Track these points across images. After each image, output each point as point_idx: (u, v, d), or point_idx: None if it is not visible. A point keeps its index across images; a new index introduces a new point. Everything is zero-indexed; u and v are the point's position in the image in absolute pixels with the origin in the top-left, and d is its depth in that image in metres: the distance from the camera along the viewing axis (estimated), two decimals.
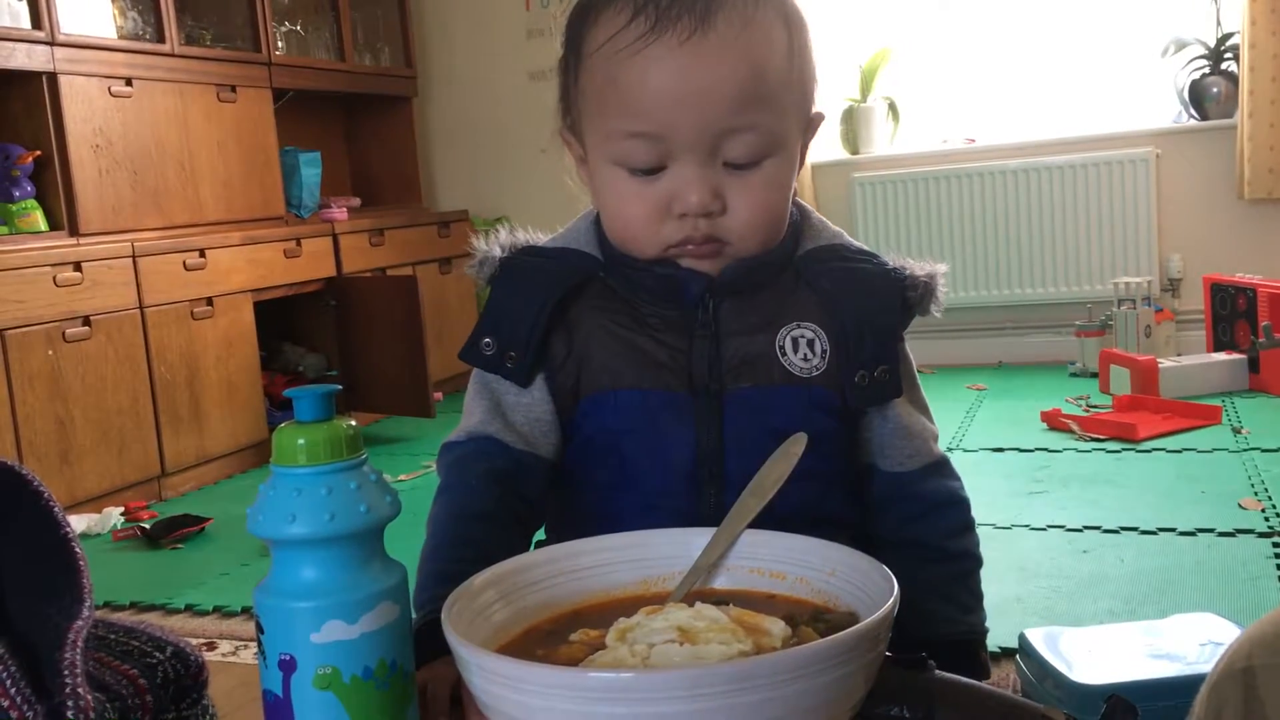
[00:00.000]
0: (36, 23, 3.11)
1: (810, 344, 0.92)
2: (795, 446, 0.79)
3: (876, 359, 0.92)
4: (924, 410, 1.00)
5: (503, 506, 0.90)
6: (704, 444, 0.90)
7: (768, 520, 0.76)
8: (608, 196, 0.92)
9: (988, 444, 3.14)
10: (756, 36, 0.86)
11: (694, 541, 0.74)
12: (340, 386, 0.65)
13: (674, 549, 0.75)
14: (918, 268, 0.96)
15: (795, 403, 0.91)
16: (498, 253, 0.96)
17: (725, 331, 0.91)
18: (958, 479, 1.01)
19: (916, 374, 1.01)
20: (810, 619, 0.66)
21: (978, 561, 1.02)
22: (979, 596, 1.01)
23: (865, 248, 0.99)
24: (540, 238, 1.00)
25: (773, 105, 0.88)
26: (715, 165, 0.88)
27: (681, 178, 0.87)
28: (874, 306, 0.93)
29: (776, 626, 0.64)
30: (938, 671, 0.66)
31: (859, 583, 0.66)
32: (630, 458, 0.91)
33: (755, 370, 0.91)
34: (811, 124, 0.95)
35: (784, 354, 0.91)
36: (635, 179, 0.89)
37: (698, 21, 0.84)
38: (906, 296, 0.94)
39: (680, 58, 0.84)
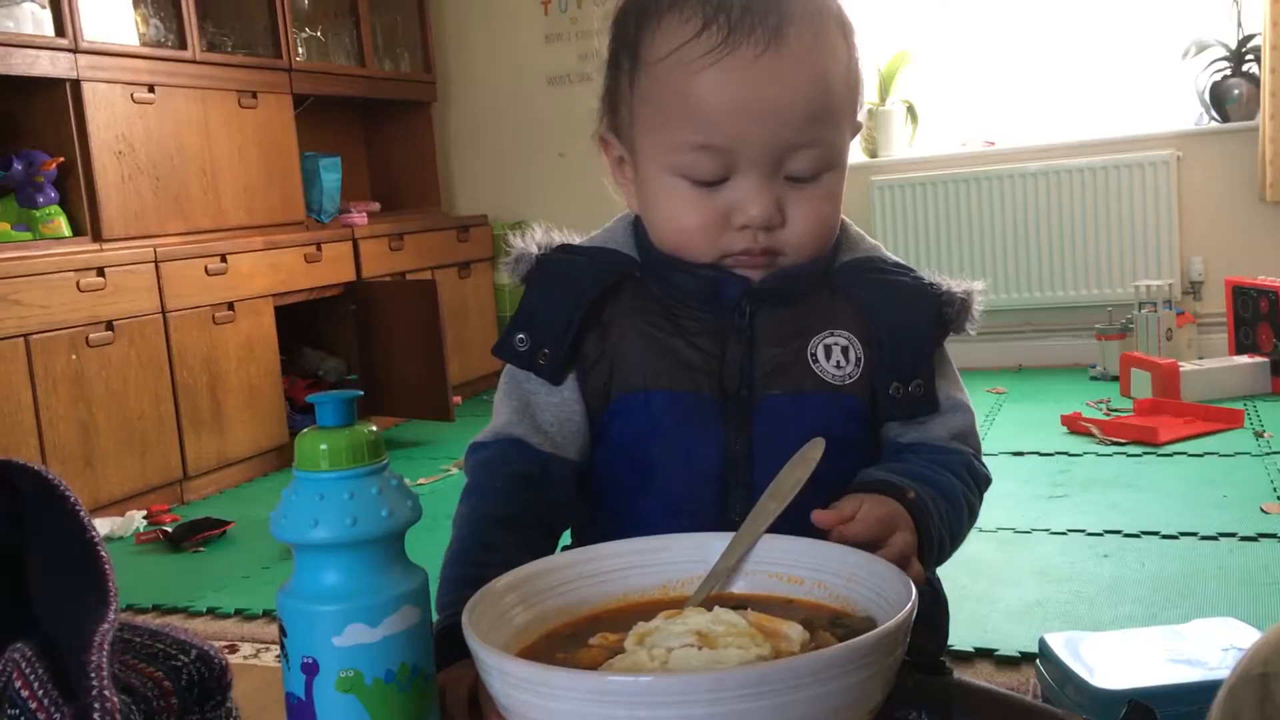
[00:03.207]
0: (60, 30, 3.14)
1: (844, 351, 0.91)
2: (813, 451, 0.79)
3: (912, 372, 0.91)
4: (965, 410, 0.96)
5: (527, 510, 0.89)
6: (732, 449, 0.90)
7: (791, 530, 0.75)
8: (663, 205, 0.91)
9: (1008, 448, 3.12)
10: (824, 51, 0.86)
11: (712, 546, 0.75)
12: (361, 392, 0.66)
13: (693, 553, 0.75)
14: (955, 284, 0.94)
15: (827, 410, 0.90)
16: (534, 250, 0.95)
17: (760, 339, 0.91)
18: (985, 467, 0.96)
19: (957, 374, 0.98)
20: (828, 624, 0.66)
21: (961, 501, 0.90)
22: (938, 486, 0.88)
23: (901, 261, 0.98)
24: (575, 238, 0.99)
25: (835, 120, 0.88)
26: (778, 178, 0.88)
27: (745, 190, 0.87)
28: (910, 318, 0.92)
29: (794, 631, 0.64)
30: (956, 676, 0.67)
31: (876, 588, 0.67)
32: (657, 460, 0.91)
33: (787, 378, 0.90)
34: (856, 132, 0.95)
35: (815, 361, 0.91)
36: (695, 189, 0.88)
37: (771, 35, 0.83)
38: (943, 312, 0.93)
39: (755, 73, 0.84)
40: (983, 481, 0.95)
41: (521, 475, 0.91)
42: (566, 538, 1.00)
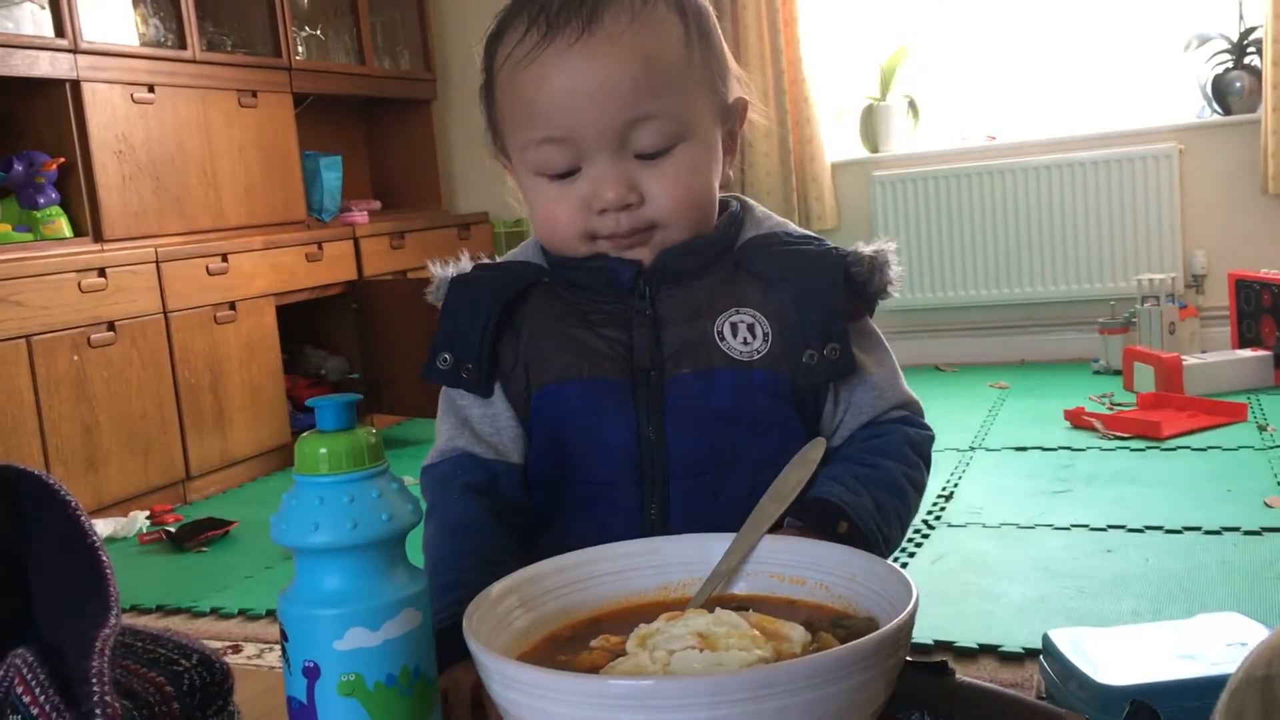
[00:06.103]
0: (60, 31, 3.14)
1: (750, 328, 0.91)
2: (813, 452, 0.78)
3: (824, 337, 0.90)
4: (902, 390, 0.96)
5: (490, 515, 0.91)
6: (645, 429, 0.91)
7: (710, 507, 0.83)
8: (535, 204, 0.94)
9: (1011, 443, 3.12)
10: (646, 28, 0.88)
11: (713, 547, 0.74)
12: (360, 395, 0.66)
13: (693, 555, 0.75)
14: (863, 246, 0.94)
15: (735, 385, 0.90)
16: (451, 273, 0.98)
17: (664, 319, 0.92)
18: (926, 427, 0.96)
19: (894, 361, 0.98)
20: (830, 625, 0.66)
21: (902, 483, 0.91)
22: (876, 496, 0.88)
23: (808, 233, 0.98)
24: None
25: (674, 91, 0.89)
26: (626, 158, 0.89)
27: (595, 175, 0.89)
28: (815, 284, 0.92)
29: (796, 632, 0.64)
30: (958, 676, 0.66)
31: (878, 588, 0.66)
32: (573, 447, 0.92)
33: (695, 356, 0.91)
34: (733, 111, 0.96)
35: (722, 339, 0.91)
36: (555, 184, 0.91)
37: (584, 24, 0.86)
38: (851, 273, 0.92)
39: (571, 60, 0.86)
40: (924, 444, 0.95)
41: (475, 485, 0.92)
42: None
